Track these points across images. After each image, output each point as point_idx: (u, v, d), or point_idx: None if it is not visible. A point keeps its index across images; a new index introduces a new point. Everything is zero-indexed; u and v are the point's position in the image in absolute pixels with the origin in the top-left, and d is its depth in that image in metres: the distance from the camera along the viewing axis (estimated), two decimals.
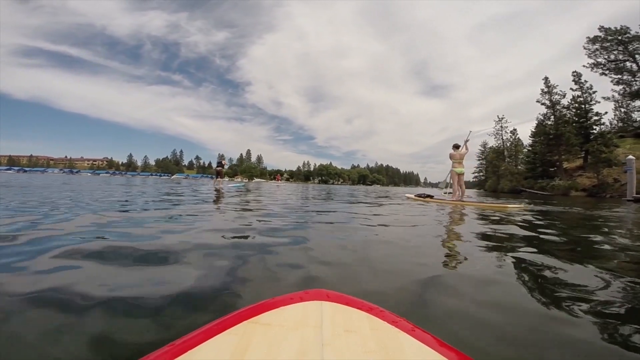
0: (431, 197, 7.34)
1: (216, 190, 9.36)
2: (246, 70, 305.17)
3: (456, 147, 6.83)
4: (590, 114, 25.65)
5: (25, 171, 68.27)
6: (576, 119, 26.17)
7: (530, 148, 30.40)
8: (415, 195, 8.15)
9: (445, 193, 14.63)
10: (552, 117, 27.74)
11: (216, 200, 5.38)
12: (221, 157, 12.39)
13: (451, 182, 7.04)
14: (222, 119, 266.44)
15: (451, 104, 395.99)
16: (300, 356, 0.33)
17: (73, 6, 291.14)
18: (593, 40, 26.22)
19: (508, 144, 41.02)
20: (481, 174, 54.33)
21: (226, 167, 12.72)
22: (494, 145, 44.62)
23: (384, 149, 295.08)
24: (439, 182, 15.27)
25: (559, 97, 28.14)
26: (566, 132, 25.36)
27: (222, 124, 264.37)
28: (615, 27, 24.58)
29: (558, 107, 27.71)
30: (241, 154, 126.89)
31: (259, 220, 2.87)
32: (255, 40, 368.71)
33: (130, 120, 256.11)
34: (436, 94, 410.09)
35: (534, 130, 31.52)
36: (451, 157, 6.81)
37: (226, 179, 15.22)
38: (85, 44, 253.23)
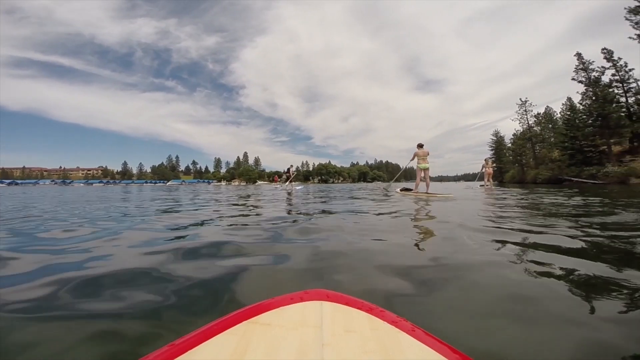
0: (409, 190, 7.72)
1: (288, 192, 10.49)
2: (239, 73, 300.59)
3: (420, 146, 7.39)
4: (629, 93, 23.30)
5: (18, 184, 63.74)
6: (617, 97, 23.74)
7: (566, 131, 27.73)
8: (399, 190, 8.55)
9: (481, 186, 14.23)
10: (594, 96, 25.15)
11: None
12: (290, 165, 16.20)
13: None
14: (218, 123, 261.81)
15: (445, 99, 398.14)
16: (300, 356, 0.33)
17: (59, 16, 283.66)
18: (634, 10, 23.63)
19: (536, 129, 38.24)
20: (494, 165, 51.65)
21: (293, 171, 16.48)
22: (517, 131, 40.95)
23: (382, 146, 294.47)
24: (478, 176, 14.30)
25: (597, 74, 25.62)
26: (612, 110, 22.84)
27: (219, 128, 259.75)
28: None
29: (599, 85, 25.15)
30: (238, 157, 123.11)
31: None
32: (247, 43, 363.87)
33: (125, 128, 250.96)
34: (430, 89, 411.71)
35: (566, 113, 28.97)
36: (416, 155, 7.40)
37: (294, 183, 19.25)
38: (75, 54, 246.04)
